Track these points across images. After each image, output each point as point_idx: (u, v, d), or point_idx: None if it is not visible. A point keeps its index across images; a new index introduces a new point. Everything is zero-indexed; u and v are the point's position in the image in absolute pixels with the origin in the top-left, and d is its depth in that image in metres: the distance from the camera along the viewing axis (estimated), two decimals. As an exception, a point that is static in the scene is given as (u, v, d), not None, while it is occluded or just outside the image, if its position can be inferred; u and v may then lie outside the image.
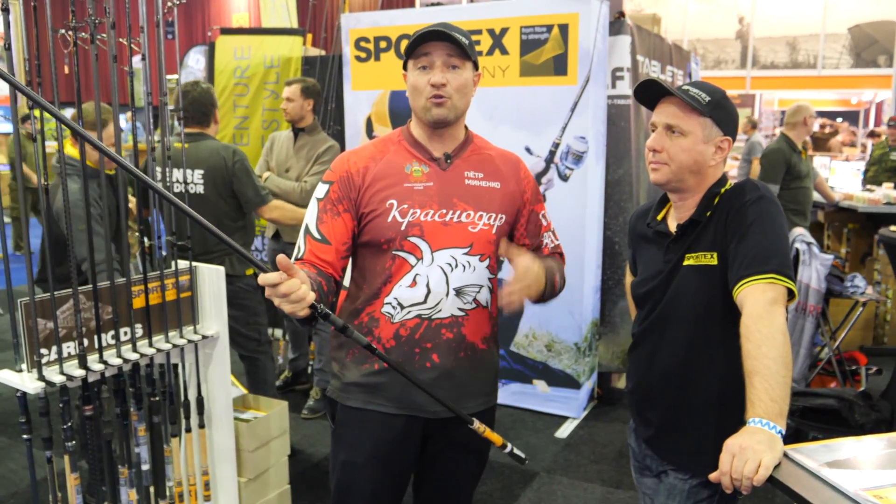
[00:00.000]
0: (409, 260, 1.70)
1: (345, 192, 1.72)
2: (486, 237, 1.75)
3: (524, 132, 3.85)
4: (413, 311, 1.71)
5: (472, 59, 1.71)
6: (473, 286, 1.74)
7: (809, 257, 4.06)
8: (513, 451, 1.80)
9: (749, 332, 1.41)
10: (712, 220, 1.62)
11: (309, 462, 3.47)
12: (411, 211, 1.70)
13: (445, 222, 1.71)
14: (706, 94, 1.61)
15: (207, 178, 3.11)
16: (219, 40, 5.23)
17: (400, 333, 1.72)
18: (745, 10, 10.68)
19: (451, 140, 1.77)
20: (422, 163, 1.75)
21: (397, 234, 1.70)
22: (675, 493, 1.70)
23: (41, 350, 1.99)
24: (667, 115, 1.62)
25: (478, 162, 1.79)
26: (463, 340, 1.74)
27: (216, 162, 3.12)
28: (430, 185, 1.72)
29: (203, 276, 2.41)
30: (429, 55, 1.67)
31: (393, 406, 1.76)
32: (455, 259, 1.71)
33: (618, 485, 3.26)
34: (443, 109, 1.68)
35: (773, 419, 1.29)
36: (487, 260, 1.76)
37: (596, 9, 3.67)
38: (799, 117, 4.77)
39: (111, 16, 2.07)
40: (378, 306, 1.73)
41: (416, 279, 1.70)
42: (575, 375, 3.98)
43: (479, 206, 1.74)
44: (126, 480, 2.24)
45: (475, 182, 1.76)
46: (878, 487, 1.19)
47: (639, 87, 1.67)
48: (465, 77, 1.70)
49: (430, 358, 1.73)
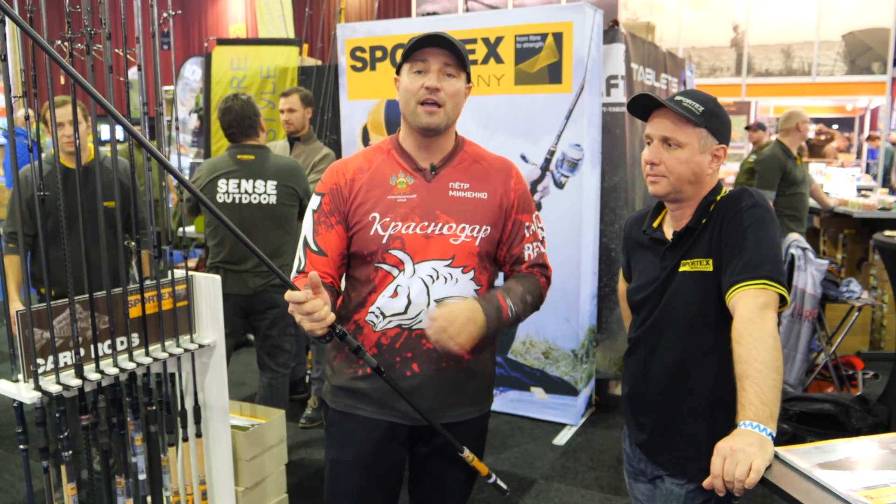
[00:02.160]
0: (392, 272, 1.72)
1: (335, 204, 1.76)
2: (469, 249, 1.74)
3: (520, 140, 3.87)
4: (394, 320, 1.73)
5: (466, 70, 1.73)
6: (456, 298, 1.73)
7: (805, 263, 4.08)
8: (496, 483, 1.85)
9: (740, 337, 1.42)
10: (707, 227, 1.63)
11: (307, 471, 3.47)
12: (393, 224, 1.71)
13: (427, 235, 1.72)
14: (699, 103, 1.62)
15: (280, 189, 3.25)
16: (215, 51, 5.25)
17: (381, 342, 1.74)
18: (739, 18, 10.73)
19: (439, 150, 1.78)
20: (407, 174, 1.76)
21: (379, 246, 1.72)
22: (672, 498, 1.71)
23: (37, 360, 1.99)
24: (662, 127, 1.63)
25: (465, 172, 1.79)
26: (445, 351, 1.74)
27: (295, 175, 3.31)
28: (413, 196, 1.74)
29: (200, 285, 2.42)
30: (426, 61, 1.69)
31: (376, 411, 1.78)
32: (436, 271, 1.72)
33: (616, 491, 3.26)
34: (435, 118, 1.70)
35: (763, 422, 1.29)
36: (472, 272, 1.75)
37: (590, 17, 3.69)
38: (791, 123, 4.80)
39: (107, 27, 2.08)
40: (363, 314, 1.76)
41: (397, 290, 1.72)
42: (572, 382, 3.98)
43: (461, 218, 1.74)
44: (123, 490, 2.24)
45: (460, 193, 1.76)
46: (870, 488, 1.20)
47: (632, 102, 1.68)
48: (458, 86, 1.72)
49: (410, 367, 1.74)
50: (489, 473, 1.83)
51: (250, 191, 3.22)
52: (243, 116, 3.24)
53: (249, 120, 3.26)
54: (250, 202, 3.22)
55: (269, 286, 3.26)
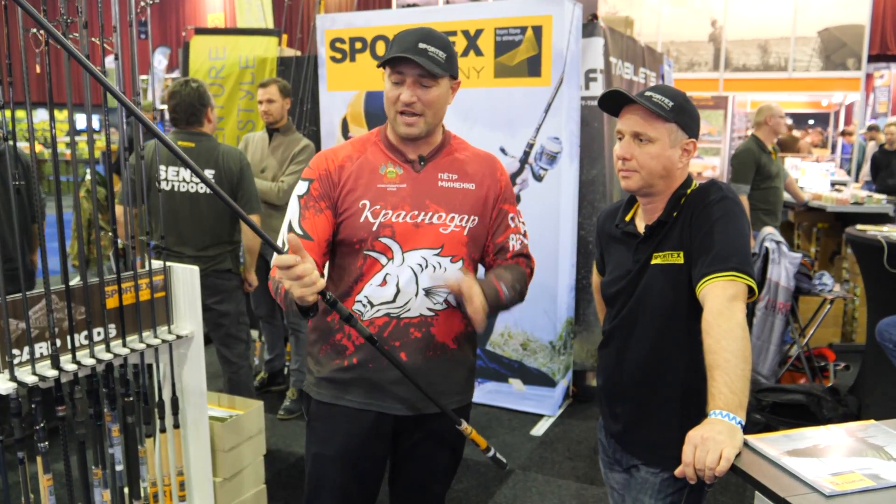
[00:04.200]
0: (381, 260, 1.73)
1: (325, 189, 1.75)
2: (458, 238, 1.77)
3: (499, 133, 3.88)
4: (382, 309, 1.73)
5: (449, 72, 1.72)
6: (444, 287, 1.76)
7: (779, 256, 4.14)
8: (495, 456, 1.85)
9: (709, 328, 1.45)
10: (678, 221, 1.65)
11: (285, 462, 3.47)
12: (383, 212, 1.72)
13: (417, 224, 1.73)
14: (668, 98, 1.63)
15: (217, 178, 3.17)
16: (193, 40, 5.21)
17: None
18: (717, 14, 10.81)
19: (426, 144, 1.79)
20: (396, 164, 1.77)
21: (369, 234, 1.72)
22: (647, 486, 1.74)
23: (13, 350, 1.98)
24: (632, 123, 1.65)
25: (453, 164, 1.81)
26: (432, 340, 1.76)
27: (230, 164, 3.19)
28: (403, 186, 1.75)
29: (177, 275, 2.41)
30: (401, 73, 1.69)
31: (362, 402, 1.78)
32: (426, 260, 1.74)
33: (592, 481, 3.30)
34: (414, 129, 1.72)
35: (733, 410, 1.32)
36: (460, 261, 1.77)
37: (569, 11, 3.71)
38: (761, 117, 4.86)
39: (83, 15, 2.06)
40: (350, 304, 1.75)
41: (386, 278, 1.73)
42: (550, 374, 4.01)
43: (451, 207, 1.76)
44: (100, 481, 2.23)
45: (448, 184, 1.78)
46: (837, 474, 1.23)
47: (603, 98, 1.70)
48: (436, 93, 1.71)
49: (397, 356, 1.75)
50: (488, 447, 1.83)
51: (188, 179, 3.15)
52: (188, 104, 3.17)
53: (193, 108, 3.18)
54: (188, 190, 3.15)
55: (210, 271, 3.18)
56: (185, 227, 3.18)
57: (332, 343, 1.78)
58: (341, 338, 1.77)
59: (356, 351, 1.76)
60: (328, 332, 1.80)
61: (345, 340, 1.77)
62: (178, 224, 3.16)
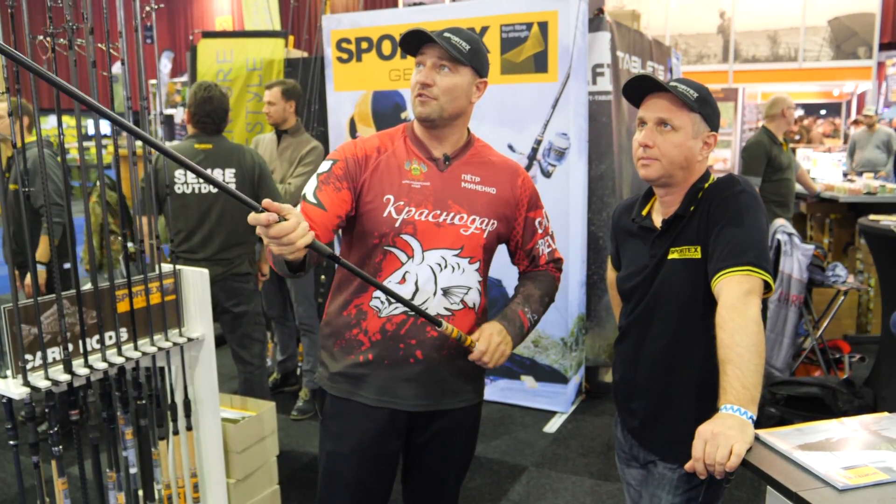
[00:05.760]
0: (400, 257, 1.73)
1: (349, 171, 1.74)
2: (478, 241, 1.77)
3: (506, 130, 3.88)
4: (401, 307, 1.73)
5: (470, 64, 1.73)
6: (461, 287, 1.76)
7: (791, 248, 4.11)
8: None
9: (723, 322, 1.44)
10: (696, 215, 1.64)
11: (298, 462, 3.48)
12: (407, 209, 1.73)
13: (438, 223, 1.74)
14: (693, 90, 1.64)
15: (240, 177, 3.22)
16: (201, 43, 5.23)
17: (386, 328, 1.75)
18: (726, 5, 10.75)
19: (450, 142, 1.80)
20: (421, 161, 1.78)
21: (391, 229, 1.72)
22: (665, 482, 1.73)
23: (26, 356, 2.00)
24: (658, 109, 1.64)
25: (476, 166, 1.82)
26: (447, 339, 1.76)
27: (248, 161, 3.24)
28: (427, 184, 1.75)
29: (187, 278, 2.42)
30: (423, 54, 1.73)
31: (376, 398, 1.78)
32: (445, 260, 1.74)
33: (606, 477, 3.29)
34: (425, 108, 1.72)
35: (744, 405, 1.31)
36: (477, 263, 1.78)
37: (575, 6, 3.69)
38: (776, 109, 4.82)
39: (89, 21, 2.07)
40: (367, 299, 1.75)
41: (405, 276, 1.73)
42: (562, 370, 4.00)
43: (472, 209, 1.77)
44: (114, 484, 2.24)
45: (471, 185, 1.79)
46: (850, 468, 1.22)
47: (629, 83, 1.68)
48: (455, 80, 1.72)
49: (413, 354, 1.75)
50: (472, 343, 1.73)
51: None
52: (224, 110, 3.23)
53: (225, 114, 3.25)
54: (209, 191, 3.17)
55: (229, 275, 3.24)
56: (205, 229, 3.20)
57: (348, 338, 1.79)
58: (357, 333, 1.77)
59: (371, 347, 1.76)
60: (343, 327, 1.80)
61: (361, 336, 1.77)
62: (199, 226, 3.19)
